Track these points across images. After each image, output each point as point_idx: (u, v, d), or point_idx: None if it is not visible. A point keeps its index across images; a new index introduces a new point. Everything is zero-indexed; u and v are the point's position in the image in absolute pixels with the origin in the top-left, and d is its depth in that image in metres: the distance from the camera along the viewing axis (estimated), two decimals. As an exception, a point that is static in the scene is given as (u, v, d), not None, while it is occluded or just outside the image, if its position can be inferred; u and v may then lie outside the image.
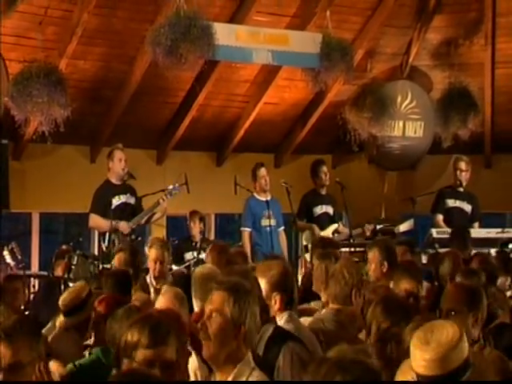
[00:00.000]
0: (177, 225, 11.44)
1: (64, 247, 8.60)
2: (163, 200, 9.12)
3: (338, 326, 5.12)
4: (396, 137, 11.83)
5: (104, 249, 8.83)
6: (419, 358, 3.08)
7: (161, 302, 5.01)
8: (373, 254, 6.99)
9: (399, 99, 11.69)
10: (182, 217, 10.83)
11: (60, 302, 5.47)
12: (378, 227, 10.20)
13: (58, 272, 7.67)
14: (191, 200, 10.00)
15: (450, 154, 10.96)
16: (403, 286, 5.62)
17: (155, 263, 7.04)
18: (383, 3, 10.76)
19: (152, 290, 6.87)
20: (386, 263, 6.79)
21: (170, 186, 9.26)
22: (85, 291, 5.55)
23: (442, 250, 8.47)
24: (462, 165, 10.55)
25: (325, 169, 10.73)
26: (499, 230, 9.81)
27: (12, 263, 8.29)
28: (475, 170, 11.39)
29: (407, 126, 11.84)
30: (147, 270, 7.25)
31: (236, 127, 11.40)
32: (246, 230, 10.04)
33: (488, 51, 11.01)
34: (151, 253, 7.13)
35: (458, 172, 10.54)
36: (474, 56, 11.20)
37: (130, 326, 3.36)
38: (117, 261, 7.00)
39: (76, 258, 8.20)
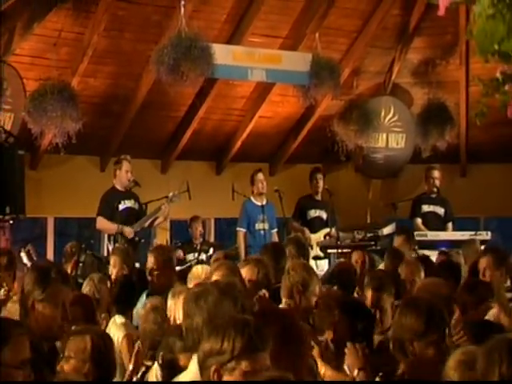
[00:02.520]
0: (180, 228, 11.45)
1: (69, 246, 8.59)
2: (165, 207, 9.18)
3: None
4: (380, 148, 11.84)
5: (110, 250, 8.89)
6: None
7: None
8: (288, 251, 6.94)
9: (383, 113, 11.69)
10: (184, 221, 10.86)
11: None
12: (369, 234, 10.22)
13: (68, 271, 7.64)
14: (193, 205, 10.01)
15: (429, 164, 10.99)
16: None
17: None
18: (367, 26, 10.80)
19: None
20: (301, 258, 6.80)
21: (171, 194, 9.33)
22: None
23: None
24: (435, 173, 10.66)
25: (319, 176, 10.78)
26: (472, 232, 9.87)
27: (28, 263, 8.30)
28: (451, 178, 11.50)
29: (390, 137, 11.85)
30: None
31: (234, 139, 11.39)
32: (241, 231, 10.10)
33: (462, 70, 11.06)
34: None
35: (432, 180, 10.65)
36: (450, 74, 11.24)
37: (222, 331, 2.83)
38: None
39: (84, 257, 8.25)
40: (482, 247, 9.25)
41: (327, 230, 10.41)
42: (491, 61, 2.05)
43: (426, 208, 10.69)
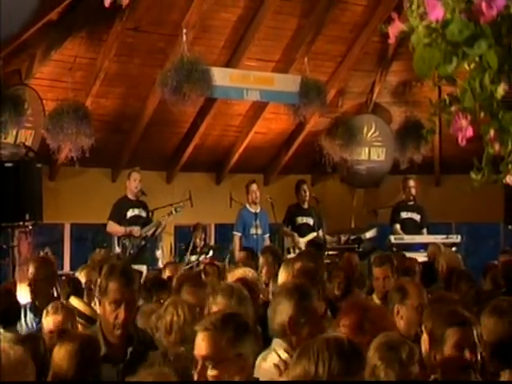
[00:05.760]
0: (183, 233, 11.47)
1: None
2: (163, 220, 9.29)
3: None
4: (363, 160, 11.86)
5: (119, 252, 8.98)
6: None
7: None
8: (266, 258, 6.91)
9: (365, 129, 11.72)
10: (187, 226, 10.89)
11: None
12: (352, 237, 10.23)
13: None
14: (195, 212, 10.01)
15: (407, 175, 11.02)
16: None
17: None
18: (351, 51, 10.84)
19: None
20: (276, 266, 6.74)
21: (174, 206, 9.40)
22: None
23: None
24: (411, 183, 10.71)
25: (305, 187, 10.76)
26: (444, 236, 9.93)
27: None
28: (427, 187, 11.54)
29: (372, 151, 11.88)
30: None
31: (231, 152, 11.42)
32: (237, 235, 10.13)
33: (435, 91, 11.10)
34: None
35: (409, 189, 10.69)
36: (424, 95, 11.16)
37: (314, 353, 2.24)
38: None
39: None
40: (454, 248, 9.39)
41: (314, 234, 10.44)
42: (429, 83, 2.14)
43: (404, 215, 10.73)
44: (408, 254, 8.68)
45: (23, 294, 7.63)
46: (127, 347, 3.59)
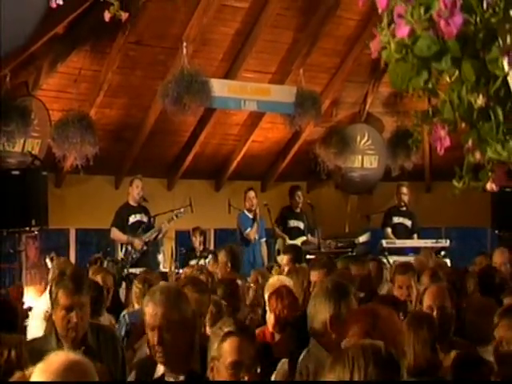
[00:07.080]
0: (183, 237, 11.48)
1: (96, 255, 8.74)
2: (164, 226, 9.31)
3: None
4: (356, 168, 11.88)
5: (122, 256, 8.99)
6: None
7: None
8: (220, 257, 6.94)
9: (358, 138, 11.73)
10: (187, 231, 10.91)
11: None
12: (340, 245, 10.23)
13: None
14: (195, 218, 10.00)
15: (398, 181, 11.05)
16: None
17: None
18: (344, 63, 10.88)
19: None
20: (229, 264, 6.80)
21: (175, 211, 9.41)
22: None
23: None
24: (404, 189, 10.74)
25: (299, 193, 10.83)
26: (434, 240, 9.94)
27: (52, 268, 8.37)
28: (417, 194, 11.53)
29: (365, 159, 11.89)
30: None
31: (230, 160, 11.42)
32: (249, 231, 10.07)
33: (425, 102, 11.12)
34: None
35: (401, 195, 10.72)
36: (414, 105, 11.19)
37: (349, 360, 2.06)
38: None
39: (106, 263, 8.35)
40: (443, 252, 9.41)
41: (304, 238, 10.48)
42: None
43: (395, 220, 10.76)
44: (399, 258, 8.72)
45: (31, 297, 7.67)
46: (80, 347, 3.58)
